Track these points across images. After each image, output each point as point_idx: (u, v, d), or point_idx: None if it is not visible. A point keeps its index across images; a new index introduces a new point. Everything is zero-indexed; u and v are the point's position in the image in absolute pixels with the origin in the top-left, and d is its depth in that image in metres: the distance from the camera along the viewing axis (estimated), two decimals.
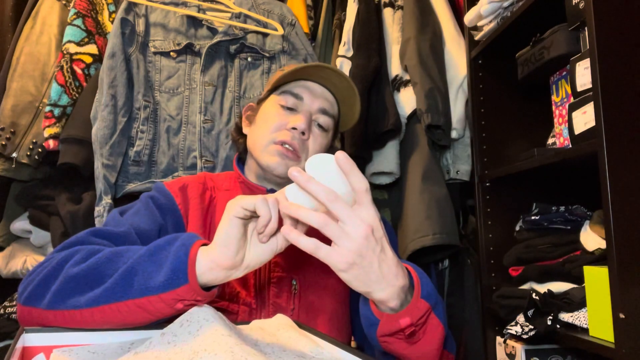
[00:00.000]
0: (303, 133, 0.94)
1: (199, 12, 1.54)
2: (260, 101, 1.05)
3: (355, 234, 0.62)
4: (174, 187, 0.96)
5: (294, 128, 0.94)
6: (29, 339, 0.67)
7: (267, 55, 1.57)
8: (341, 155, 0.64)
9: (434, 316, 0.73)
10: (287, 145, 0.94)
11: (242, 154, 1.07)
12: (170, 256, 0.68)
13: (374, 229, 0.64)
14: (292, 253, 0.77)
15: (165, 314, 0.68)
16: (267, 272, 0.92)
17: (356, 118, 1.07)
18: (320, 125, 0.97)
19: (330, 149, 1.02)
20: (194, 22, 1.54)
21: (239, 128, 1.09)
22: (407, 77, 1.61)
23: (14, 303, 1.41)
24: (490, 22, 1.43)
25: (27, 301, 0.71)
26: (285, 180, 0.94)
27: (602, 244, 1.06)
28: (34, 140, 1.50)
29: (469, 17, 1.50)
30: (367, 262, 0.64)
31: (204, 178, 1.02)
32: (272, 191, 0.98)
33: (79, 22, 1.54)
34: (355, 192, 0.65)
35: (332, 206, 0.62)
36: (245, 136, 1.05)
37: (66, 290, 0.69)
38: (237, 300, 0.88)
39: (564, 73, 1.27)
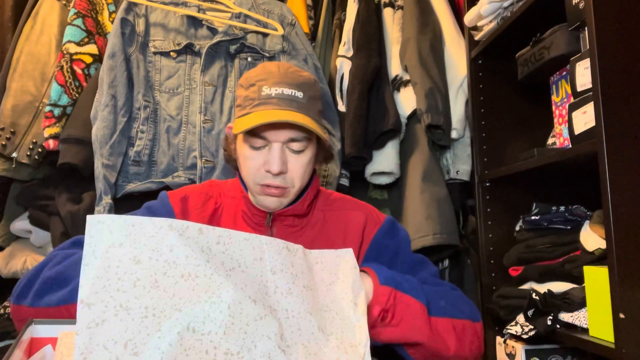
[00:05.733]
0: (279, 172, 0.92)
1: (199, 12, 1.54)
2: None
3: None
4: (176, 197, 1.00)
5: (268, 171, 0.92)
6: (37, 330, 0.68)
7: (267, 55, 1.57)
8: None
9: (402, 294, 0.83)
10: (269, 186, 0.92)
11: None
12: None
13: None
14: None
15: None
16: None
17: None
18: (294, 150, 0.93)
19: (320, 154, 0.99)
20: (194, 22, 1.54)
21: (226, 146, 1.05)
22: (407, 77, 1.61)
23: None
24: (490, 22, 1.43)
25: (16, 300, 0.83)
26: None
27: (602, 244, 1.06)
28: (34, 140, 1.50)
29: (469, 17, 1.50)
30: None
31: (209, 187, 1.04)
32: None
33: (79, 22, 1.54)
34: None
35: None
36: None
37: (42, 291, 0.81)
38: None
39: (564, 73, 1.27)
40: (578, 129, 1.07)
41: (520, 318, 1.18)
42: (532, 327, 1.12)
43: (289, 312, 0.69)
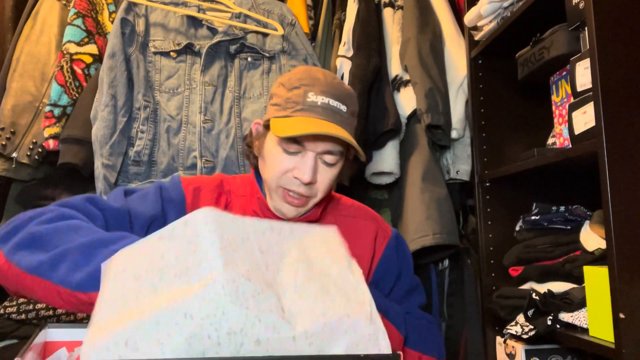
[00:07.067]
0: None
1: (199, 12, 1.54)
2: (267, 127, 0.95)
3: None
4: (189, 186, 0.98)
5: (297, 178, 0.90)
6: (51, 334, 0.69)
7: (267, 55, 1.57)
8: None
9: (386, 321, 0.84)
10: (293, 193, 0.91)
11: (256, 169, 1.02)
12: (99, 258, 0.71)
13: None
14: None
15: (76, 307, 0.72)
16: None
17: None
18: (327, 162, 0.92)
19: (346, 166, 0.99)
20: (194, 22, 1.54)
21: (249, 142, 1.02)
22: (407, 77, 1.61)
23: (14, 303, 1.41)
24: (490, 22, 1.43)
25: None
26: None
27: (602, 244, 1.06)
28: (34, 140, 1.50)
29: (469, 17, 1.50)
30: None
31: (220, 181, 1.02)
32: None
33: (79, 22, 1.54)
34: None
35: None
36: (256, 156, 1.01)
37: (20, 245, 0.75)
38: None
39: (564, 73, 1.27)
40: (578, 129, 1.06)
41: (520, 318, 1.18)
42: (532, 327, 1.12)
43: (285, 286, 0.70)
